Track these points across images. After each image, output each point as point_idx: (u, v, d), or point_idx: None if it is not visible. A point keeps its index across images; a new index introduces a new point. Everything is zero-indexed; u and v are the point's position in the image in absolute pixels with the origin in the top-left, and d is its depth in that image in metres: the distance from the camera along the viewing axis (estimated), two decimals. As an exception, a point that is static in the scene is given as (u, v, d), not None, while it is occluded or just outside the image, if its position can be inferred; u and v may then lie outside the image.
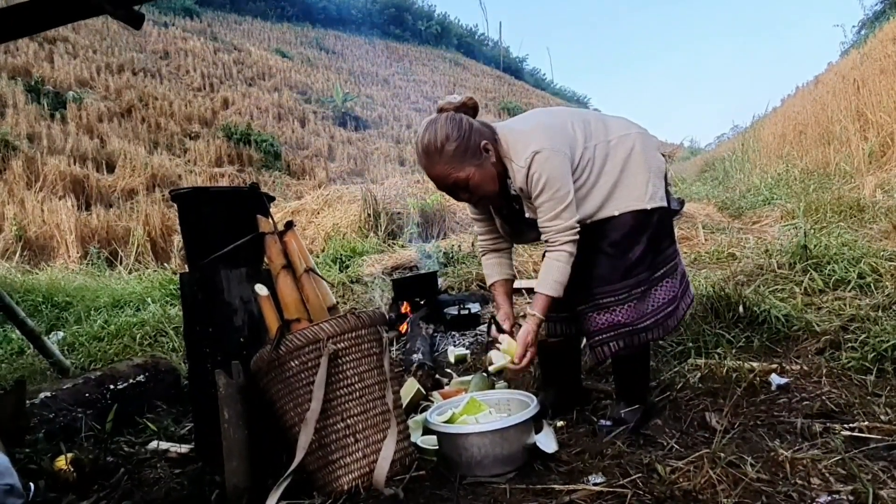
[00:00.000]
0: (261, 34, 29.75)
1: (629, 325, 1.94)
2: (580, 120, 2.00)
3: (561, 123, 1.97)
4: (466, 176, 1.88)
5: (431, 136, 1.87)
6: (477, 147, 1.88)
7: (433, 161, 1.88)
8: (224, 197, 2.28)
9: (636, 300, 1.94)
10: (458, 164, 1.87)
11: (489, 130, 1.94)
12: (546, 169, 1.84)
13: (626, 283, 1.94)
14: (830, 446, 1.68)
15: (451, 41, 41.67)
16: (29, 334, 3.25)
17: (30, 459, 2.01)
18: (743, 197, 8.31)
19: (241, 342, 2.02)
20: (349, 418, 1.71)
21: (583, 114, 2.07)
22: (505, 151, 1.93)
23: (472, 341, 3.55)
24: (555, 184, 1.84)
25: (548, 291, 1.90)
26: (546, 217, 1.88)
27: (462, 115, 1.91)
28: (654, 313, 1.96)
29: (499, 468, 1.71)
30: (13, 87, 14.43)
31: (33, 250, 9.03)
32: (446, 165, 1.87)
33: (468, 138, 1.87)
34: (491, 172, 1.92)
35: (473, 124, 1.91)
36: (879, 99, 8.12)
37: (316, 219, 8.87)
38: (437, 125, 1.88)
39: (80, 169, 12.05)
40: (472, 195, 1.95)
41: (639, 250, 1.94)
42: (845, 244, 3.77)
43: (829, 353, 2.46)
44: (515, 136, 1.93)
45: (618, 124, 2.05)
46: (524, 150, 1.87)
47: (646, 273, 1.96)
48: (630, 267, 1.94)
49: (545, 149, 1.85)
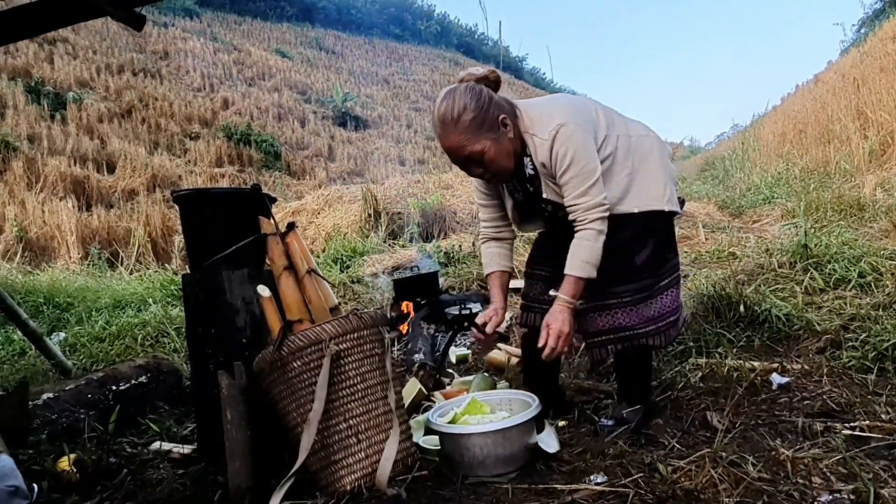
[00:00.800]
0: (261, 34, 29.74)
1: (630, 328, 1.91)
2: (603, 108, 1.97)
3: (584, 106, 1.93)
4: (482, 149, 1.81)
5: (448, 106, 1.80)
6: (495, 120, 1.82)
7: (448, 131, 1.81)
8: (226, 198, 2.28)
9: (639, 304, 1.91)
10: (473, 135, 1.80)
11: (509, 105, 1.89)
12: (572, 143, 1.78)
13: (629, 286, 1.90)
14: (831, 445, 1.68)
15: (451, 41, 41.66)
16: (31, 335, 3.26)
17: (33, 460, 2.02)
18: (743, 196, 8.31)
19: (243, 343, 2.03)
20: (351, 419, 1.71)
21: (605, 105, 2.02)
22: (526, 126, 1.87)
23: (473, 341, 3.55)
24: (581, 158, 1.78)
25: (577, 273, 1.81)
26: (573, 194, 1.80)
27: (482, 87, 1.85)
28: (656, 320, 1.93)
29: (501, 468, 1.71)
30: (13, 88, 14.43)
31: (34, 251, 9.04)
32: (461, 136, 1.80)
33: (486, 110, 1.81)
34: (507, 148, 1.86)
35: (493, 97, 1.85)
36: (879, 97, 8.11)
37: (316, 219, 8.87)
38: (455, 94, 1.81)
39: (81, 170, 12.06)
40: (485, 170, 1.88)
41: (644, 255, 1.91)
42: (846, 243, 3.77)
43: (829, 352, 2.46)
44: (538, 110, 1.88)
45: (637, 124, 2.03)
46: (548, 123, 1.81)
47: (650, 280, 1.93)
48: (636, 271, 1.91)
49: (570, 122, 1.80)
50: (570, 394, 2.37)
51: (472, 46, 43.67)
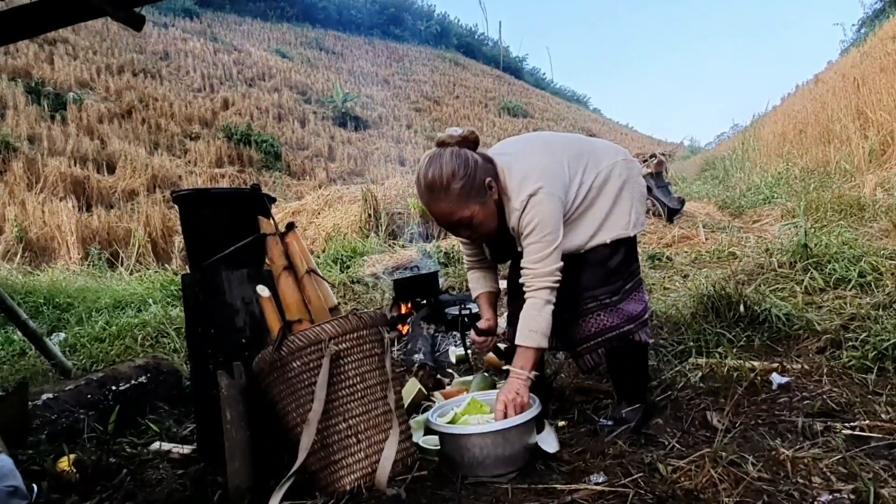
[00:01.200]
0: (261, 35, 29.77)
1: (616, 328, 1.95)
2: (574, 154, 1.97)
3: (558, 164, 1.93)
4: (471, 214, 1.85)
5: (436, 173, 1.81)
6: (482, 184, 1.84)
7: (437, 198, 1.84)
8: (225, 198, 2.28)
9: (616, 306, 1.95)
10: (462, 202, 1.83)
11: (491, 166, 1.91)
12: (538, 211, 1.82)
13: (606, 288, 1.95)
14: (831, 445, 1.68)
15: (451, 41, 41.65)
16: (31, 336, 3.26)
17: (32, 461, 2.02)
18: (743, 196, 8.32)
19: (242, 343, 2.03)
20: (351, 419, 1.71)
21: (573, 146, 2.01)
22: (504, 188, 1.90)
23: (472, 341, 3.54)
24: (546, 227, 1.82)
25: (526, 343, 1.83)
26: (531, 258, 1.85)
27: (466, 151, 1.87)
28: (635, 318, 1.98)
29: (500, 468, 1.71)
30: (13, 89, 14.44)
31: (34, 251, 9.05)
32: (451, 203, 1.83)
33: (474, 176, 1.82)
34: (493, 210, 1.90)
35: (478, 160, 1.86)
36: (879, 97, 8.12)
37: (316, 219, 8.89)
38: (442, 161, 1.82)
39: (81, 170, 12.08)
40: (472, 232, 1.93)
41: (617, 260, 1.96)
42: (846, 243, 3.77)
43: (829, 351, 2.46)
44: (514, 175, 1.89)
45: (604, 151, 2.04)
46: (521, 191, 1.84)
47: (621, 282, 1.97)
48: (609, 273, 1.95)
49: (540, 191, 1.82)
50: (569, 394, 2.37)
51: (472, 47, 43.68)
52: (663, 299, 3.55)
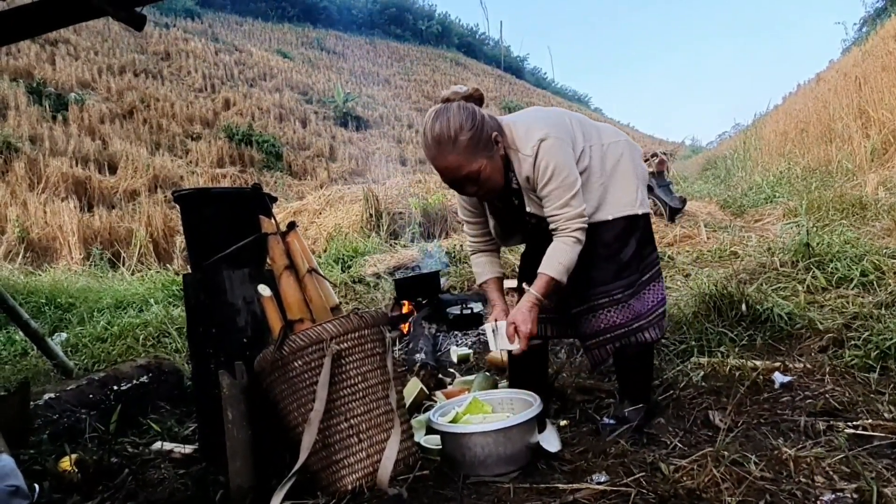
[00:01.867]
0: (262, 35, 29.78)
1: (625, 325, 1.94)
2: (577, 119, 2.01)
3: (560, 119, 1.96)
4: (478, 168, 1.82)
5: (444, 126, 1.79)
6: (489, 138, 1.83)
7: (445, 151, 1.80)
8: (227, 198, 2.28)
9: (629, 300, 1.94)
10: (470, 155, 1.80)
11: (495, 122, 1.91)
12: (553, 156, 1.81)
13: (618, 283, 1.94)
14: (834, 444, 1.68)
15: (452, 41, 41.65)
16: (32, 336, 3.26)
17: (34, 460, 2.02)
18: (745, 195, 8.31)
19: (244, 343, 2.03)
20: (353, 418, 1.71)
21: (576, 115, 2.06)
22: (510, 142, 1.89)
23: (474, 341, 3.55)
24: (563, 171, 1.81)
25: (551, 273, 1.83)
26: (555, 205, 1.83)
27: (473, 105, 1.86)
28: (647, 314, 1.97)
29: (502, 467, 1.71)
30: (15, 89, 14.45)
31: (36, 252, 9.05)
32: (459, 156, 1.80)
33: (481, 129, 1.81)
34: (500, 165, 1.88)
35: (484, 115, 1.86)
36: (881, 96, 8.11)
37: (318, 219, 8.89)
38: (449, 114, 1.80)
39: (83, 170, 12.08)
40: (479, 188, 1.89)
41: (629, 252, 1.95)
42: (848, 242, 3.76)
43: (832, 351, 2.45)
44: (519, 126, 1.90)
45: (608, 130, 2.06)
46: (529, 138, 1.84)
47: (635, 275, 1.96)
48: (622, 267, 1.94)
49: (550, 136, 1.83)
50: (571, 393, 2.37)
51: (473, 47, 43.66)
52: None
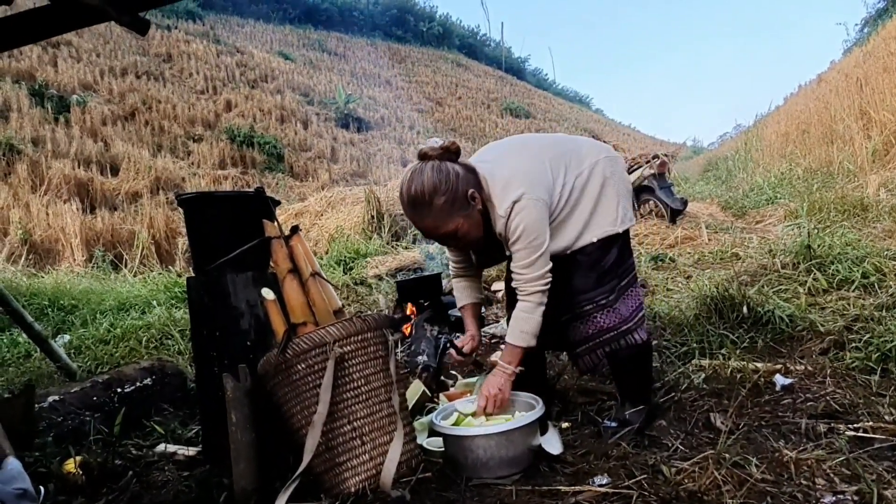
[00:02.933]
0: (263, 36, 29.81)
1: (613, 328, 1.96)
2: (555, 156, 1.97)
3: (538, 162, 1.94)
4: (455, 227, 1.85)
5: (418, 188, 1.80)
6: (465, 196, 1.83)
7: (421, 214, 1.83)
8: (230, 201, 2.29)
9: (613, 306, 1.97)
10: (446, 216, 1.83)
11: (473, 176, 1.89)
12: (523, 217, 1.82)
13: (601, 289, 1.96)
14: (835, 447, 1.68)
15: (453, 42, 41.65)
16: (36, 338, 3.27)
17: (39, 463, 2.03)
18: (746, 196, 8.31)
19: (247, 346, 2.04)
20: (356, 421, 1.72)
21: (556, 147, 2.02)
22: (487, 196, 1.90)
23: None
24: (531, 233, 1.83)
25: (515, 342, 1.89)
26: (520, 264, 1.86)
27: (447, 164, 1.84)
28: (631, 317, 1.99)
29: (504, 470, 1.72)
30: (17, 91, 14.50)
31: (38, 254, 9.07)
32: (435, 219, 1.83)
33: (456, 189, 1.81)
34: (478, 220, 1.90)
35: (459, 173, 1.84)
36: (883, 97, 8.10)
37: (319, 221, 8.89)
38: (423, 176, 1.81)
39: (85, 172, 12.11)
40: (460, 242, 1.94)
41: (610, 260, 1.97)
42: (849, 243, 3.77)
43: (833, 353, 2.46)
44: (496, 182, 1.88)
45: (588, 149, 2.04)
46: (504, 198, 1.85)
47: (615, 281, 1.99)
48: (603, 274, 1.96)
49: (524, 197, 1.83)
50: (572, 395, 2.37)
51: (474, 48, 43.67)
52: (666, 300, 3.55)
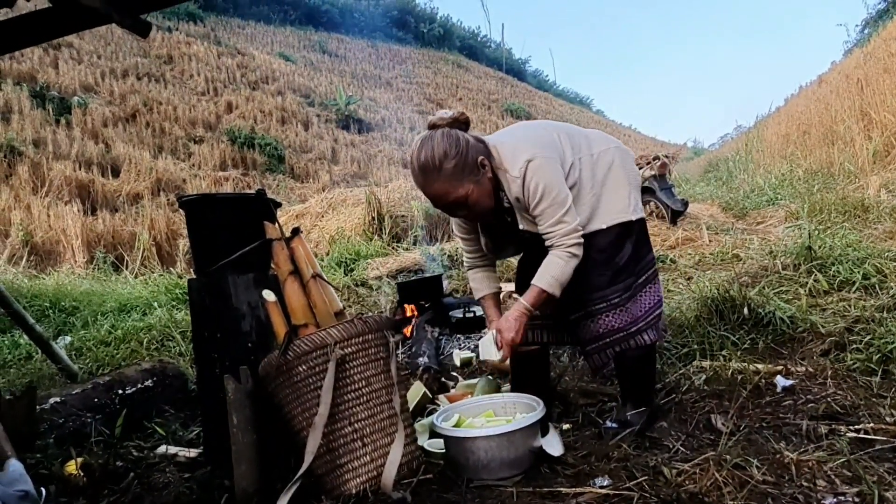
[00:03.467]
0: (264, 38, 29.83)
1: (623, 329, 1.95)
2: (564, 132, 2.01)
3: (548, 135, 1.97)
4: (465, 193, 1.86)
5: (428, 154, 1.83)
6: (475, 163, 1.86)
7: (431, 179, 1.85)
8: (231, 203, 2.30)
9: (627, 304, 1.96)
10: (457, 181, 1.84)
11: (483, 145, 1.92)
12: (541, 176, 1.83)
13: (615, 287, 1.95)
14: (836, 448, 1.68)
15: (454, 43, 41.65)
16: (37, 340, 3.28)
17: (41, 464, 2.03)
18: (747, 197, 8.30)
19: (248, 347, 2.04)
20: (357, 422, 1.72)
21: (566, 128, 2.06)
22: (498, 163, 1.91)
23: (477, 344, 3.55)
24: (552, 189, 1.83)
25: (543, 285, 1.87)
26: (548, 223, 1.86)
27: (457, 131, 1.88)
28: (644, 317, 1.98)
29: (505, 471, 1.72)
30: (18, 93, 14.52)
31: (40, 255, 9.07)
32: (445, 183, 1.84)
33: (466, 154, 1.84)
34: (488, 188, 1.90)
35: (469, 140, 1.88)
36: (883, 98, 8.10)
37: (320, 222, 8.90)
38: (433, 142, 1.84)
39: (86, 174, 12.13)
40: (470, 211, 1.93)
41: (625, 257, 1.96)
42: (850, 245, 3.77)
43: (834, 354, 2.46)
44: (506, 147, 1.91)
45: (598, 138, 2.06)
46: (517, 159, 1.86)
47: (631, 279, 1.98)
48: (618, 272, 1.95)
49: (537, 156, 1.85)
50: (573, 397, 2.37)
51: (474, 49, 43.67)
52: (667, 302, 3.54)
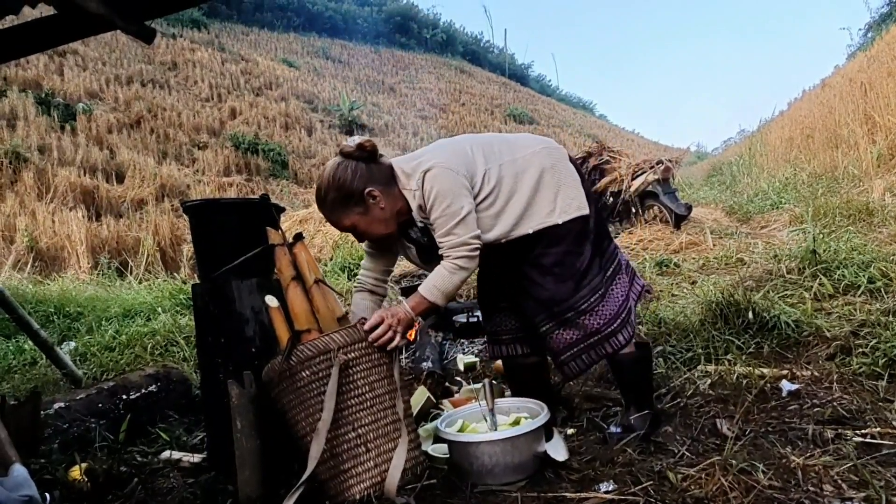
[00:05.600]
0: (268, 44, 29.98)
1: (597, 332, 1.92)
2: (481, 143, 1.98)
3: (459, 147, 1.95)
4: (351, 223, 1.91)
5: (319, 184, 1.91)
6: (360, 194, 1.86)
7: (320, 206, 1.93)
8: (235, 208, 2.30)
9: (598, 306, 1.93)
10: (340, 212, 1.89)
11: (383, 174, 1.91)
12: (436, 184, 1.82)
13: (580, 294, 1.93)
14: (842, 453, 1.67)
15: (457, 49, 41.80)
16: (42, 345, 3.28)
17: (45, 470, 2.03)
18: (751, 201, 8.29)
19: (252, 352, 2.04)
20: (360, 428, 1.71)
21: (484, 137, 2.04)
22: (403, 184, 1.91)
23: (480, 349, 3.55)
24: (445, 199, 1.81)
25: (424, 292, 1.86)
26: (440, 233, 1.85)
27: (349, 163, 1.88)
28: (618, 314, 1.95)
29: (510, 476, 1.71)
30: (24, 100, 14.60)
31: (45, 261, 9.11)
32: (330, 213, 1.92)
33: (348, 187, 1.85)
34: (378, 217, 1.90)
35: (358, 172, 1.86)
36: (887, 102, 8.09)
37: (324, 227, 8.90)
38: (325, 173, 1.89)
39: (91, 180, 12.18)
40: (364, 237, 1.98)
41: (586, 259, 1.94)
42: (854, 248, 3.75)
43: (839, 358, 2.44)
44: (408, 163, 1.92)
45: (524, 142, 2.04)
46: (414, 173, 1.87)
47: (598, 277, 1.96)
48: (580, 277, 1.93)
49: (435, 166, 1.84)
50: (578, 402, 2.37)
51: (477, 54, 43.79)
52: (671, 306, 3.54)
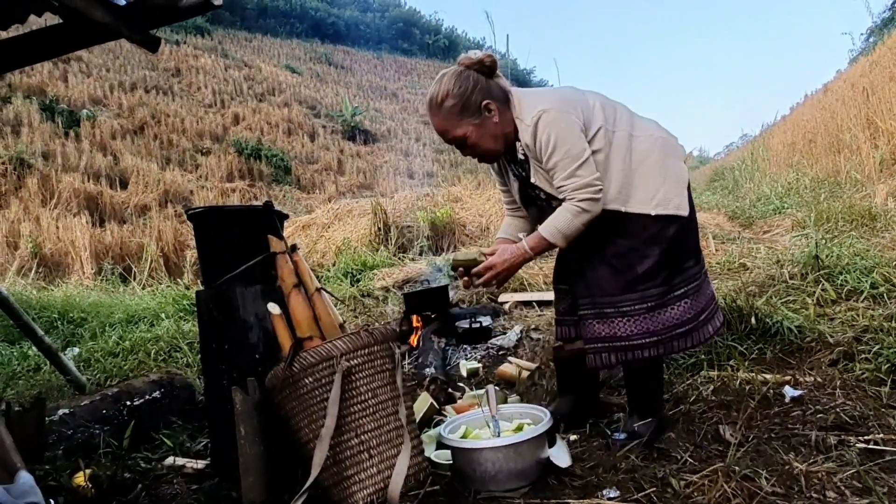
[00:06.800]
0: (270, 50, 30.11)
1: (625, 339, 1.89)
2: (606, 103, 1.96)
3: (581, 97, 1.94)
4: (463, 133, 1.89)
5: (434, 91, 1.89)
6: (477, 105, 1.87)
7: (433, 114, 1.91)
8: (239, 215, 2.31)
9: (641, 315, 1.89)
10: (455, 120, 1.88)
11: (502, 92, 1.93)
12: (554, 128, 1.81)
13: (629, 296, 1.89)
14: (845, 459, 1.67)
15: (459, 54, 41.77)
16: (46, 351, 3.29)
17: (49, 476, 2.04)
18: (753, 206, 8.27)
19: (256, 359, 2.05)
20: (363, 434, 1.72)
21: (612, 101, 2.01)
22: (517, 112, 1.91)
23: (483, 355, 3.55)
24: (566, 142, 1.80)
25: (544, 233, 1.86)
26: (561, 177, 1.82)
27: (470, 72, 1.89)
28: (660, 332, 1.90)
29: (513, 483, 1.71)
30: (28, 106, 14.70)
31: (48, 267, 9.13)
32: (444, 121, 1.89)
33: (468, 96, 1.86)
34: (491, 131, 1.90)
35: (479, 82, 1.88)
36: (889, 107, 8.08)
37: (326, 233, 8.92)
38: (442, 80, 1.89)
39: (94, 186, 12.25)
40: (472, 151, 1.96)
41: (648, 264, 1.87)
42: (857, 254, 3.75)
43: (842, 364, 2.44)
44: (528, 97, 1.92)
45: (648, 124, 2.01)
46: (532, 109, 1.86)
47: (657, 289, 1.89)
48: (635, 280, 1.88)
49: (553, 109, 1.83)
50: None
51: (479, 59, 43.83)
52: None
